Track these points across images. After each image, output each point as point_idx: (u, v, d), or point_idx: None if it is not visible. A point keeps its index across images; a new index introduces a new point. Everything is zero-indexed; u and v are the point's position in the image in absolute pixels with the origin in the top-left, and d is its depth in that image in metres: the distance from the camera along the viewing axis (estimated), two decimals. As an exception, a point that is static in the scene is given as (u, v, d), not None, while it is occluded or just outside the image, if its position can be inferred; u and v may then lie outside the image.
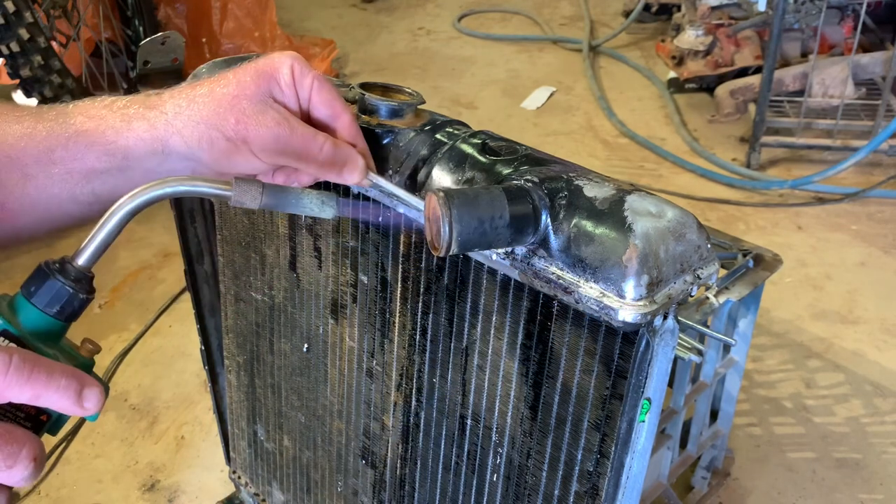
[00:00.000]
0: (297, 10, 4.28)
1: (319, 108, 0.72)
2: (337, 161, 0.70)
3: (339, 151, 0.70)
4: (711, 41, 3.08)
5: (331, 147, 0.69)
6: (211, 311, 1.28)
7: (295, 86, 0.70)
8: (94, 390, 0.56)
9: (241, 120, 0.66)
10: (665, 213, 0.66)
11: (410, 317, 0.87)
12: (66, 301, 0.59)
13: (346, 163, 0.70)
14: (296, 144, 0.67)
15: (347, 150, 0.71)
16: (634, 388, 0.68)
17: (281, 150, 0.67)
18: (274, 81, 0.69)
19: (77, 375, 0.55)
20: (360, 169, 0.71)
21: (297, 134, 0.67)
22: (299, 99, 0.71)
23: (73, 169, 0.67)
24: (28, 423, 0.57)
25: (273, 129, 0.66)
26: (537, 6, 4.32)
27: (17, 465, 0.52)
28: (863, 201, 2.51)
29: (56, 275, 0.59)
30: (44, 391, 0.53)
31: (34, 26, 2.33)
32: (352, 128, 0.73)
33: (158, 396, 1.82)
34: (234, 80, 0.68)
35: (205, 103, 0.67)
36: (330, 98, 0.72)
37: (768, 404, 1.75)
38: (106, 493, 1.59)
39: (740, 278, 1.25)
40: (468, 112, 3.20)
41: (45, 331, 0.59)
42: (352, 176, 0.71)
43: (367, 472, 1.04)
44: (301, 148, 0.68)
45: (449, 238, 0.61)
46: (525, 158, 0.74)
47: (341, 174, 0.70)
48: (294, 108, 0.70)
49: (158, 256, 2.31)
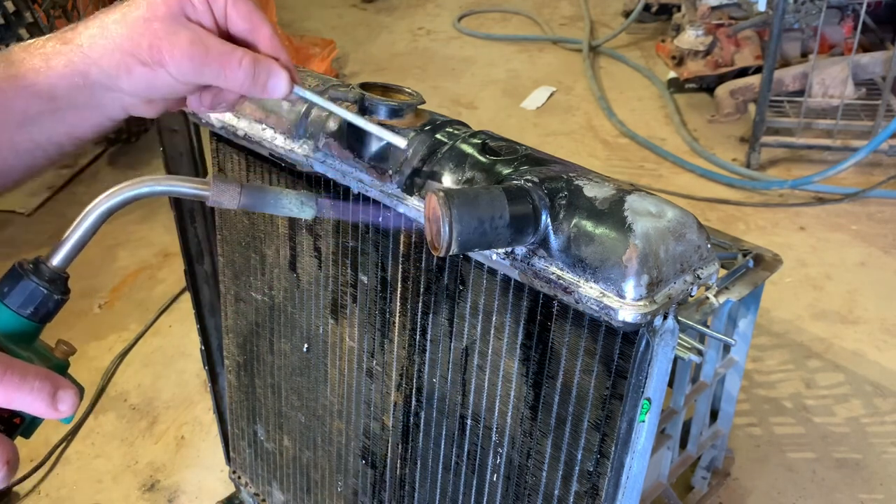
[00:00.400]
0: (297, 10, 4.28)
1: (237, 23, 0.70)
2: (259, 76, 0.68)
3: (259, 65, 0.67)
4: (711, 41, 3.08)
5: (250, 61, 0.67)
6: (211, 311, 1.28)
7: (209, 1, 0.68)
8: (68, 392, 0.55)
9: (153, 43, 0.64)
10: (665, 213, 0.66)
11: (410, 317, 0.87)
12: (40, 302, 0.59)
13: (269, 76, 0.68)
14: (212, 63, 0.65)
15: (269, 62, 0.68)
16: (634, 388, 0.67)
17: (197, 70, 0.65)
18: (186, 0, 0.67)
19: (51, 378, 0.54)
20: (284, 81, 0.69)
21: (214, 52, 0.66)
22: (214, 15, 0.69)
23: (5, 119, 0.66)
24: (0, 427, 0.56)
25: (187, 50, 0.64)
26: (537, 6, 4.32)
27: None
28: (863, 201, 2.51)
29: (30, 275, 0.58)
30: (16, 394, 0.53)
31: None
32: (272, 40, 0.71)
33: (158, 396, 1.82)
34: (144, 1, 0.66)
35: (117, 30, 0.65)
36: (247, 10, 0.70)
37: (768, 404, 1.75)
38: (106, 493, 1.59)
39: (740, 278, 1.25)
40: (468, 112, 3.20)
41: (18, 332, 0.58)
42: (276, 89, 0.69)
43: (367, 472, 1.04)
44: (218, 66, 0.66)
45: (449, 238, 0.61)
46: (525, 158, 0.74)
47: (265, 88, 0.69)
48: (210, 25, 0.68)
49: (158, 256, 2.31)
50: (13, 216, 2.54)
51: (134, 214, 2.50)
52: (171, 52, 0.64)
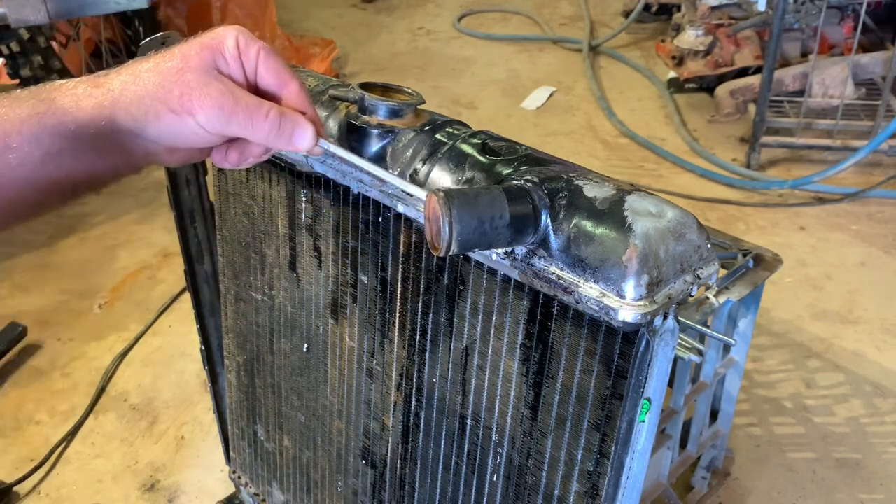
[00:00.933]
0: (297, 10, 4.29)
1: (266, 78, 0.72)
2: (284, 128, 0.70)
3: (286, 118, 0.70)
4: (711, 41, 3.08)
5: (276, 114, 0.69)
6: (211, 311, 1.28)
7: (240, 57, 0.70)
8: None
9: (185, 92, 0.66)
10: (665, 213, 0.66)
11: (410, 317, 0.87)
12: None
13: (295, 129, 0.70)
14: (240, 114, 0.67)
15: (295, 116, 0.70)
16: (634, 388, 0.67)
17: (226, 120, 0.67)
18: (219, 53, 0.69)
19: None
20: (309, 135, 0.71)
21: (242, 104, 0.68)
22: (245, 70, 0.71)
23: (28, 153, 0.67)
24: None
25: (217, 100, 0.66)
26: (537, 6, 4.32)
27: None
28: (863, 201, 2.51)
29: None
30: None
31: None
32: (300, 95, 0.73)
33: (158, 396, 1.82)
34: (178, 53, 0.69)
35: (150, 78, 0.67)
36: (277, 67, 0.72)
37: (768, 404, 1.75)
38: (106, 493, 1.59)
39: (740, 278, 1.25)
40: (468, 112, 3.20)
41: None
42: (302, 142, 0.71)
43: (367, 472, 1.04)
44: (246, 118, 0.68)
45: (449, 238, 0.61)
46: (525, 158, 0.74)
47: (291, 141, 0.70)
48: (240, 79, 0.71)
49: (158, 256, 2.31)
50: (13, 216, 2.54)
51: (134, 214, 2.50)
52: (202, 102, 0.66)
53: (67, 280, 2.21)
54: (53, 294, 2.15)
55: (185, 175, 1.18)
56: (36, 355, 1.95)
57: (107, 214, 2.50)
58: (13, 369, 1.90)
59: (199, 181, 1.19)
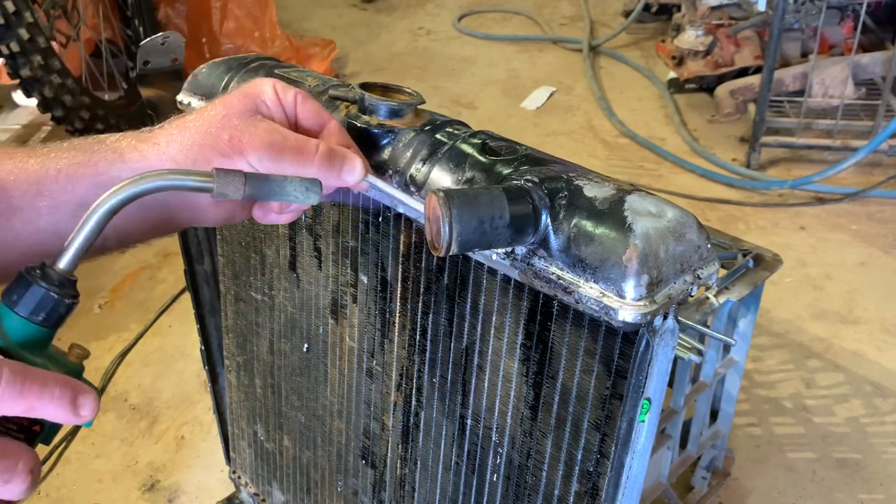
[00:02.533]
0: (297, 10, 4.28)
1: (306, 119, 0.73)
2: (335, 161, 0.70)
3: (335, 153, 0.70)
4: (711, 41, 3.08)
5: (325, 148, 0.69)
6: (211, 311, 1.28)
7: (280, 101, 0.72)
8: (88, 397, 0.55)
9: (234, 135, 0.67)
10: (665, 213, 0.66)
11: (410, 317, 0.87)
12: (51, 308, 0.57)
13: (345, 162, 0.71)
14: (290, 150, 0.68)
15: (343, 150, 0.71)
16: (634, 388, 0.68)
17: (277, 156, 0.67)
18: (259, 99, 0.70)
19: (70, 384, 0.54)
20: (359, 168, 0.71)
21: (291, 140, 0.68)
22: (286, 113, 0.72)
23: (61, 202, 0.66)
24: (21, 435, 0.55)
25: (266, 138, 0.67)
26: (537, 6, 4.32)
27: (14, 479, 0.51)
28: (863, 201, 2.51)
29: (38, 281, 0.57)
30: (38, 403, 0.52)
31: (34, 26, 2.33)
32: (341, 133, 0.74)
33: (158, 396, 1.82)
34: (220, 103, 0.70)
35: (196, 128, 0.68)
36: (315, 108, 0.74)
37: (768, 404, 1.75)
38: (106, 493, 1.59)
39: (740, 278, 1.25)
40: (468, 112, 3.20)
41: (31, 339, 0.57)
42: (352, 175, 0.71)
43: (367, 472, 1.04)
44: (296, 153, 0.68)
45: (449, 238, 0.61)
46: (525, 158, 0.74)
47: (341, 175, 0.71)
48: (281, 121, 0.72)
49: (158, 256, 2.31)
50: (13, 216, 2.54)
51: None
52: (252, 142, 0.66)
53: (67, 280, 2.20)
54: (53, 294, 2.15)
55: (185, 175, 1.18)
56: (36, 355, 1.95)
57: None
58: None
59: (199, 181, 1.19)
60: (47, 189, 0.65)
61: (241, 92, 0.71)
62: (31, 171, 0.66)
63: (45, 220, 0.66)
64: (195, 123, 0.68)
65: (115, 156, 0.67)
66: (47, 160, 0.66)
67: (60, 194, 0.66)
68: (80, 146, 0.68)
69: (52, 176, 0.66)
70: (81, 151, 0.67)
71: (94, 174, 0.66)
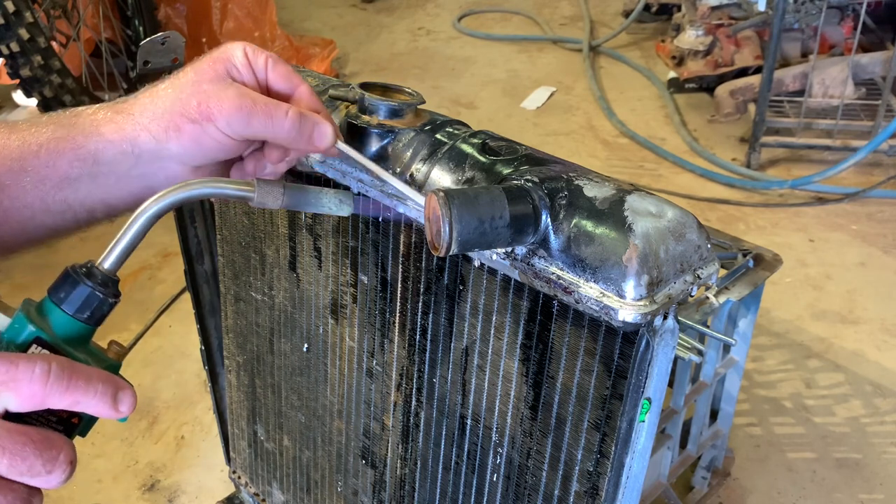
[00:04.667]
0: (297, 10, 4.28)
1: (277, 83, 0.73)
2: (305, 126, 0.70)
3: (305, 117, 0.70)
4: (711, 41, 3.08)
5: (296, 112, 0.69)
6: (211, 311, 1.28)
7: (250, 65, 0.72)
8: (128, 393, 0.57)
9: (203, 101, 0.67)
10: (665, 213, 0.66)
11: (410, 317, 0.87)
12: (96, 306, 0.60)
13: (314, 128, 0.71)
14: (259, 113, 0.68)
15: (313, 115, 0.71)
16: (634, 387, 0.68)
17: (246, 121, 0.67)
18: (230, 64, 0.70)
19: (112, 380, 0.56)
20: (329, 133, 0.71)
21: (260, 103, 0.68)
22: (256, 77, 0.72)
23: (44, 177, 0.67)
24: (60, 427, 0.58)
25: (235, 102, 0.67)
26: (537, 6, 4.32)
27: (56, 469, 0.54)
28: (863, 201, 2.51)
29: (85, 280, 0.59)
30: (83, 397, 0.54)
31: (34, 26, 2.33)
32: (312, 97, 0.74)
33: (158, 396, 1.82)
34: (191, 69, 0.70)
35: (167, 95, 0.68)
36: (286, 72, 0.73)
37: (768, 404, 1.75)
38: (106, 493, 1.59)
39: (740, 278, 1.25)
40: (468, 112, 3.20)
41: (75, 335, 0.60)
42: (322, 141, 0.71)
43: (367, 472, 1.04)
44: (266, 116, 0.68)
45: (449, 238, 0.61)
46: (525, 158, 0.74)
47: (311, 140, 0.71)
48: (253, 85, 0.72)
49: (158, 256, 2.31)
50: (13, 216, 2.54)
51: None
52: (220, 106, 0.67)
53: (67, 280, 2.20)
54: (53, 294, 2.15)
55: (185, 175, 1.18)
56: (36, 355, 1.95)
57: (107, 214, 2.50)
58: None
59: (199, 181, 1.19)
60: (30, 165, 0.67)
61: (212, 57, 0.71)
62: (13, 147, 0.67)
63: (31, 196, 0.68)
64: (166, 91, 0.69)
65: (92, 129, 0.68)
66: (28, 136, 0.68)
67: (43, 169, 0.67)
68: (60, 120, 0.69)
69: (33, 152, 0.67)
70: (61, 126, 0.69)
71: (73, 148, 0.68)
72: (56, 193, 0.68)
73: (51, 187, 0.68)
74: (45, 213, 0.68)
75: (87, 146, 0.68)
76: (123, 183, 0.69)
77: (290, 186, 0.68)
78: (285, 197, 0.68)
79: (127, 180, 0.69)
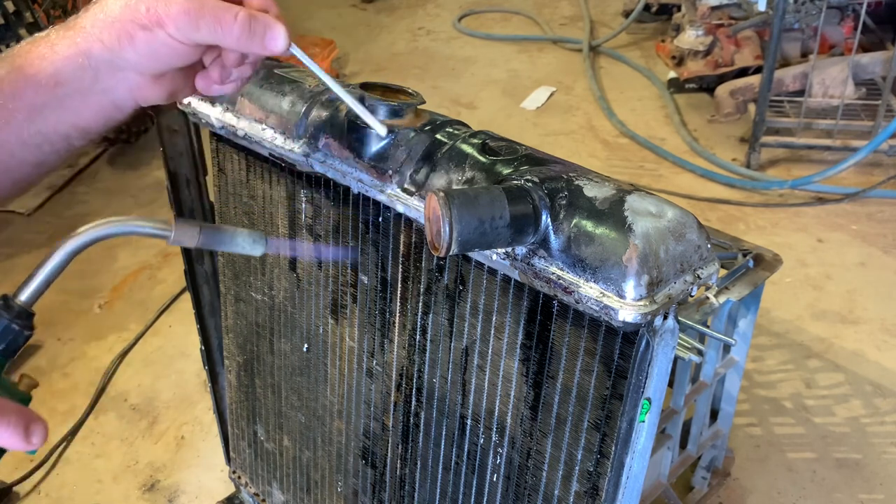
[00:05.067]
0: (297, 10, 4.28)
1: None
2: (256, 29, 0.69)
3: (256, 18, 0.69)
4: (711, 41, 3.08)
5: (245, 14, 0.69)
6: (211, 311, 1.28)
7: None
8: (39, 426, 0.57)
9: (151, 6, 0.67)
10: (665, 213, 0.66)
11: (410, 317, 0.87)
12: (11, 339, 0.61)
13: (267, 29, 0.70)
14: (208, 16, 0.67)
15: (265, 16, 0.70)
16: (634, 388, 0.67)
17: (194, 24, 0.67)
18: None
19: (24, 413, 0.57)
20: (282, 35, 0.71)
21: (209, 6, 0.68)
22: None
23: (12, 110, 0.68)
24: None
25: (183, 5, 0.67)
26: (537, 6, 4.32)
27: None
28: (863, 201, 2.51)
29: (1, 312, 0.60)
30: None
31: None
32: None
33: (158, 396, 1.82)
34: None
35: (115, 3, 0.68)
36: None
37: (768, 404, 1.75)
38: (106, 493, 1.59)
39: (740, 278, 1.25)
40: (468, 112, 3.20)
41: None
42: (276, 42, 0.70)
43: (367, 472, 1.04)
44: (214, 19, 0.68)
45: (449, 238, 0.61)
46: (525, 158, 0.74)
47: (264, 42, 0.70)
48: None
49: (158, 256, 2.31)
50: (13, 216, 2.54)
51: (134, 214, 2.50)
52: (167, 11, 0.66)
53: (67, 280, 2.20)
54: (53, 294, 2.15)
55: (185, 175, 1.18)
56: (36, 355, 1.95)
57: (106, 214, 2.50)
58: (13, 369, 1.90)
59: (199, 181, 1.19)
60: None
61: None
62: None
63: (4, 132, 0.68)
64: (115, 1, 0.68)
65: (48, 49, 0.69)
66: None
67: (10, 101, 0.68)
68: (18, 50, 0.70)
69: None
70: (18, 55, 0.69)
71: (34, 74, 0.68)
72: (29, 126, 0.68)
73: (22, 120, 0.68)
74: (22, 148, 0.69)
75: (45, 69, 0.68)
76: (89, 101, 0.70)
77: (206, 227, 0.71)
78: (201, 237, 0.70)
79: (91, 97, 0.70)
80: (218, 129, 0.99)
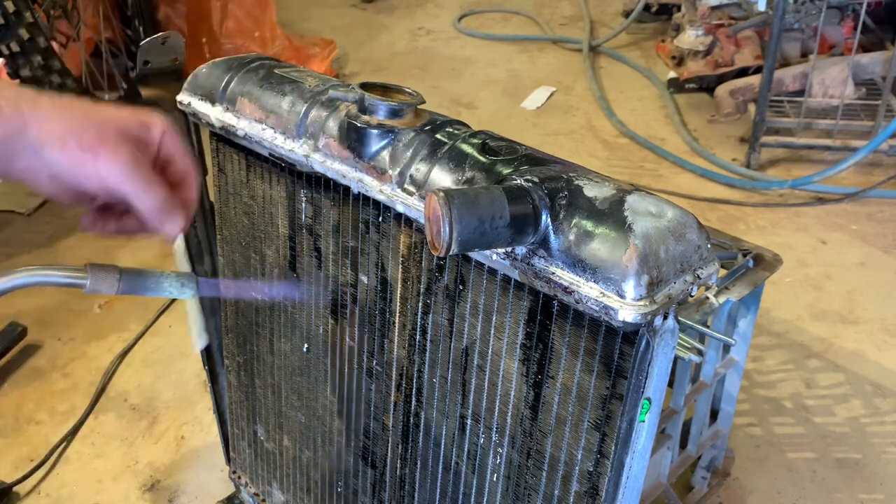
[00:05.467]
0: (297, 10, 4.28)
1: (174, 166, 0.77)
2: (165, 214, 0.73)
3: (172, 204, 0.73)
4: (711, 41, 3.08)
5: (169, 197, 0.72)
6: (211, 311, 1.28)
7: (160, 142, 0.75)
8: None
9: (101, 138, 0.69)
10: (665, 213, 0.66)
11: (410, 317, 0.87)
12: None
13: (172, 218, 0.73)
14: (139, 180, 0.70)
15: (178, 209, 0.74)
16: (634, 388, 0.68)
17: (122, 180, 0.70)
18: (145, 128, 0.74)
19: None
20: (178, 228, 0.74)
21: (144, 171, 0.71)
22: (160, 154, 0.76)
23: None
24: None
25: (123, 159, 0.70)
26: (537, 6, 4.32)
27: None
28: (863, 201, 2.51)
29: None
30: None
31: (34, 26, 2.33)
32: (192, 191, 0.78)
33: (158, 396, 1.82)
34: (114, 110, 0.74)
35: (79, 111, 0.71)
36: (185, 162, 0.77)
37: (768, 404, 1.75)
38: (106, 493, 1.59)
39: (740, 278, 1.25)
40: (468, 112, 3.20)
41: None
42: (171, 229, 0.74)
43: (367, 472, 1.04)
44: (143, 185, 0.71)
45: (449, 238, 0.61)
46: (525, 158, 0.74)
47: (163, 224, 0.74)
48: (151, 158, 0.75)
49: (158, 257, 2.31)
50: (13, 216, 2.54)
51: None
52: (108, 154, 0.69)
53: (67, 280, 2.20)
54: (53, 294, 2.15)
55: (185, 175, 1.18)
56: (36, 355, 1.95)
57: (107, 214, 2.49)
58: (13, 369, 1.90)
59: (199, 181, 1.19)
60: None
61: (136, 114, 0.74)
62: None
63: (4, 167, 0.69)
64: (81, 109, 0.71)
65: None
66: None
67: None
68: None
69: None
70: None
71: None
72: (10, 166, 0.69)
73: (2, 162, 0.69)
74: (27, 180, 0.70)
75: None
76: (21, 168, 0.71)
77: (126, 271, 0.70)
78: (121, 283, 0.69)
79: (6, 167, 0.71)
80: (218, 129, 0.99)
